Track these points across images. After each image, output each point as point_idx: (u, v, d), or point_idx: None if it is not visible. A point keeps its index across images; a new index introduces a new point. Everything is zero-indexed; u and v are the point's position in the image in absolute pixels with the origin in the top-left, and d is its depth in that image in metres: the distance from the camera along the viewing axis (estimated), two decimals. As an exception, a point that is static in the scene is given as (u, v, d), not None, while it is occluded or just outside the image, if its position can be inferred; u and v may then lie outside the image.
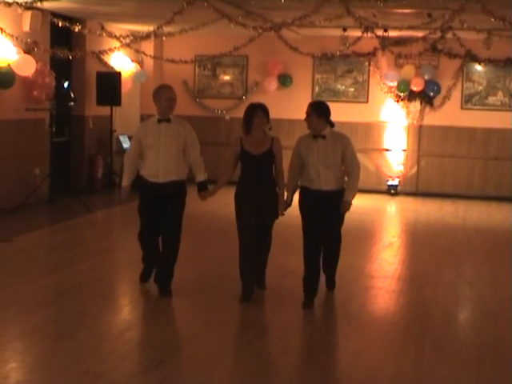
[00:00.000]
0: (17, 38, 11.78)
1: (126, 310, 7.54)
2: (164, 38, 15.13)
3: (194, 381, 5.69)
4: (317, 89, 16.48)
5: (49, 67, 12.91)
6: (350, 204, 7.58)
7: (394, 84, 15.93)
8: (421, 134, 16.26)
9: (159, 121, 7.64)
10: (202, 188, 7.86)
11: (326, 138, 7.48)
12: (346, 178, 7.67)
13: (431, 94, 15.85)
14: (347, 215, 7.67)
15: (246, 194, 7.62)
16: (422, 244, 11.35)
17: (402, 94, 15.99)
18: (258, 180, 7.62)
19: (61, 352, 6.13)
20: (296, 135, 16.90)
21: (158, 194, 7.65)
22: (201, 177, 7.84)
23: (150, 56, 15.84)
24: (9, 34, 11.61)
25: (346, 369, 6.02)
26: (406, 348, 6.53)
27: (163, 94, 7.62)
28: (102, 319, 7.14)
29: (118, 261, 9.72)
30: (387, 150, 16.39)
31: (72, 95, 13.79)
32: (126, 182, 7.88)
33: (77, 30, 12.54)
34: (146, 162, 7.67)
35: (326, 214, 7.51)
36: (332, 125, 7.59)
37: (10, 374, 5.67)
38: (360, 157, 15.97)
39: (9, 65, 11.74)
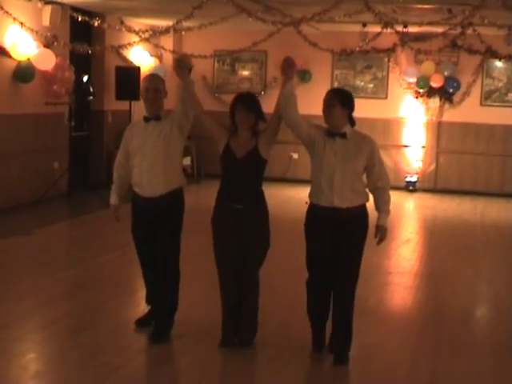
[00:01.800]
0: (37, 33, 11.84)
1: (143, 304, 7.54)
2: (183, 33, 15.14)
3: (210, 374, 5.72)
4: (336, 84, 16.42)
5: (68, 62, 12.96)
6: (386, 230, 5.98)
7: (414, 80, 15.88)
8: (440, 131, 16.20)
9: (146, 119, 6.29)
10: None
11: (346, 138, 5.81)
12: (367, 193, 5.99)
13: (451, 90, 15.78)
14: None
15: (223, 216, 6.11)
16: (440, 241, 11.32)
17: (421, 91, 15.93)
18: (238, 196, 6.00)
19: (79, 344, 6.18)
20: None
21: (145, 210, 6.30)
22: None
23: (169, 51, 15.85)
24: (29, 28, 11.67)
25: (363, 364, 6.02)
26: (423, 344, 6.53)
27: (143, 85, 6.30)
28: (119, 312, 7.18)
29: (136, 255, 9.74)
30: (406, 146, 16.35)
31: (91, 90, 13.85)
32: (113, 199, 6.52)
33: (96, 24, 12.59)
34: (132, 169, 6.32)
35: (340, 247, 5.85)
36: (353, 123, 5.92)
37: (29, 365, 5.73)
38: (378, 153, 16.15)
39: (29, 59, 11.81)
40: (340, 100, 5.82)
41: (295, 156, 16.19)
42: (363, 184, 5.91)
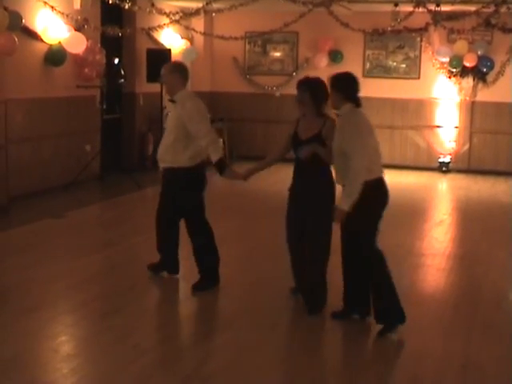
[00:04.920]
0: (67, 16, 11.85)
1: (175, 286, 7.57)
2: (214, 15, 15.08)
3: (243, 355, 5.70)
4: (368, 65, 16.31)
5: (99, 45, 12.98)
6: (342, 213, 5.99)
7: (447, 60, 15.69)
8: (473, 111, 16.01)
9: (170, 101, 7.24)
10: (219, 169, 6.86)
11: (340, 118, 6.24)
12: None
13: (484, 69, 15.57)
14: (398, 193, 6.93)
15: (291, 190, 6.67)
16: (474, 222, 11.20)
17: (454, 70, 15.74)
18: (300, 173, 6.56)
19: (110, 326, 6.20)
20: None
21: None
22: (213, 157, 6.80)
23: (200, 33, 15.80)
24: (60, 11, 11.69)
25: (395, 347, 5.99)
26: (455, 327, 6.47)
27: None
28: (150, 294, 7.20)
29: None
30: (439, 126, 16.19)
31: (122, 72, 13.87)
32: None
33: (127, 7, 12.56)
34: None
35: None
36: (357, 103, 6.15)
37: (61, 348, 5.76)
38: (411, 134, 16.08)
39: (60, 42, 11.83)
40: (331, 83, 6.22)
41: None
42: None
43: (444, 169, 15.93)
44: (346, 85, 6.16)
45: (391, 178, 15.27)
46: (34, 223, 9.92)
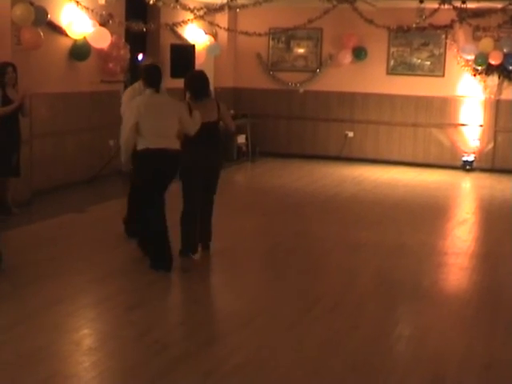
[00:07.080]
0: (92, 11, 11.90)
1: (195, 283, 7.57)
2: (238, 11, 15.08)
3: (262, 353, 5.69)
4: (392, 62, 16.23)
5: (123, 40, 12.99)
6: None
7: (472, 57, 15.56)
8: (498, 109, 15.87)
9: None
10: None
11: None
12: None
13: (510, 67, 15.42)
14: (421, 191, 6.96)
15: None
16: (497, 221, 11.11)
17: (479, 68, 15.61)
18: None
19: (131, 321, 6.21)
20: (370, 109, 16.75)
21: None
22: None
23: (224, 28, 15.81)
24: (84, 6, 11.74)
25: (416, 346, 5.95)
26: (478, 327, 6.43)
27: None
28: (172, 290, 7.21)
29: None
30: (463, 125, 16.08)
31: (146, 67, 13.86)
32: None
33: (151, 2, 12.59)
34: None
35: None
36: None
37: (82, 341, 5.78)
38: (435, 131, 15.97)
39: (84, 37, 11.87)
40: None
41: (350, 134, 16.03)
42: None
43: (468, 167, 15.82)
44: (145, 74, 8.01)
45: (414, 175, 15.33)
46: (56, 218, 9.96)
